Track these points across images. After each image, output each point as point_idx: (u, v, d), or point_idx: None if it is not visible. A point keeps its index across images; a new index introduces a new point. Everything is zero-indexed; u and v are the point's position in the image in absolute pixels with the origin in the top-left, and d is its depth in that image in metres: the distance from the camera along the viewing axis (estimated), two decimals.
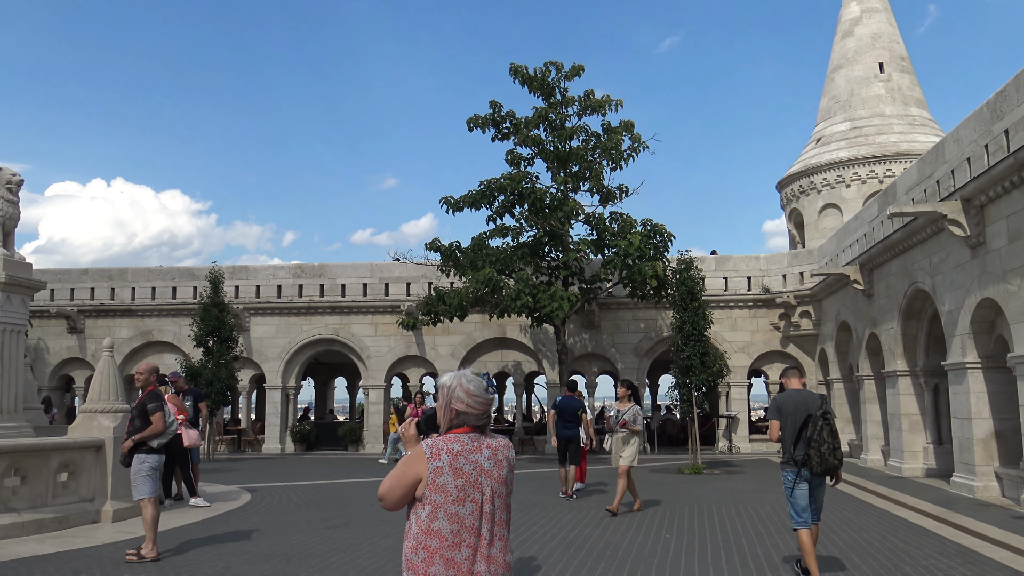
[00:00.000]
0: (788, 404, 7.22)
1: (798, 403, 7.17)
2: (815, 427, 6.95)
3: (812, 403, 7.14)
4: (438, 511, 3.03)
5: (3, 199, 11.77)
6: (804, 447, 6.97)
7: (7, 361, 11.50)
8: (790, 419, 7.17)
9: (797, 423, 7.10)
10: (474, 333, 25.84)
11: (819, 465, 6.90)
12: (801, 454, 6.98)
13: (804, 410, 7.11)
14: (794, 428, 7.11)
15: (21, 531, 9.45)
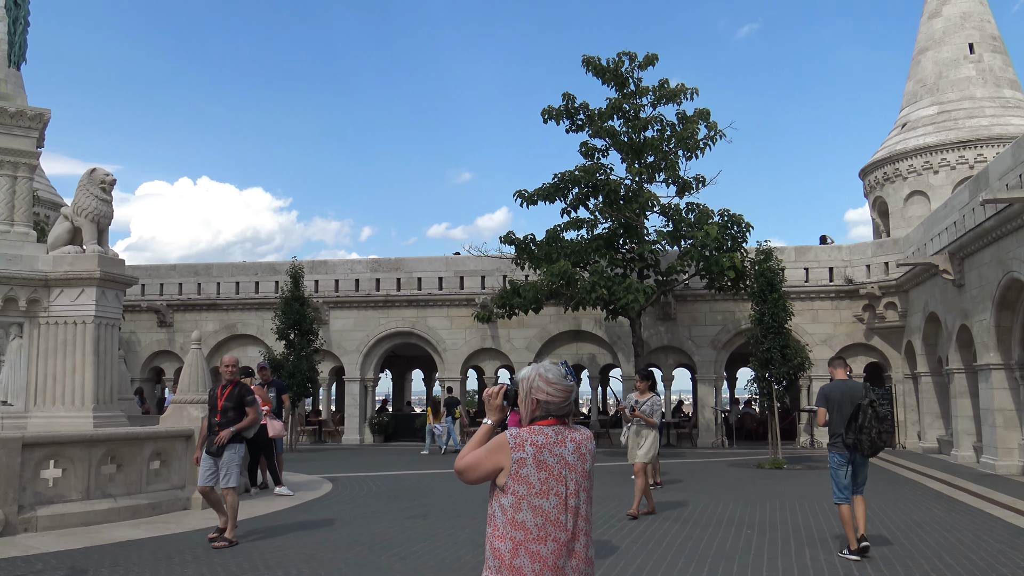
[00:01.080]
0: (835, 393, 8.06)
1: (844, 392, 8.01)
2: (865, 415, 7.78)
3: (857, 392, 7.97)
4: (521, 503, 3.03)
5: (97, 198, 12.26)
6: (855, 432, 7.80)
7: (103, 353, 11.99)
8: (837, 406, 7.99)
9: (844, 410, 7.90)
10: (549, 326, 25.84)
11: (869, 448, 7.81)
12: (852, 438, 7.81)
13: (851, 398, 7.91)
14: (842, 415, 7.91)
15: (117, 516, 9.86)
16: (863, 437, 7.77)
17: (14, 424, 11.33)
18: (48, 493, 9.47)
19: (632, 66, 22.02)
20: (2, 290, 11.50)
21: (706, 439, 25.05)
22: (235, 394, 8.95)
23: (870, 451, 7.84)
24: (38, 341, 11.87)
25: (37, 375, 11.81)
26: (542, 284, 20.75)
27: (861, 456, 7.90)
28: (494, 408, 3.36)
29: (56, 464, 9.60)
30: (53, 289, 11.85)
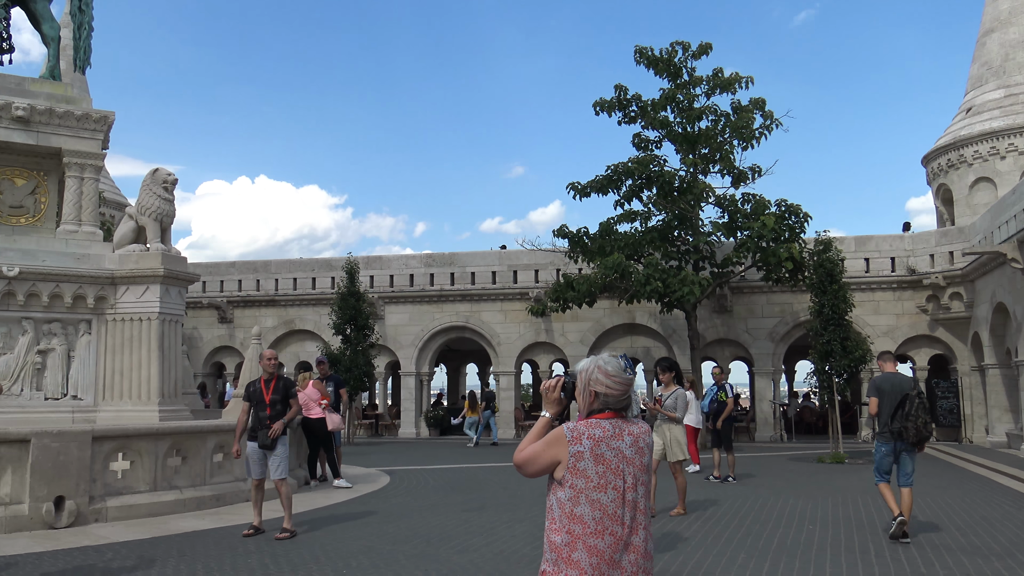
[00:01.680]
0: (885, 385, 8.53)
1: (893, 384, 8.51)
2: (911, 405, 8.30)
3: (906, 384, 8.50)
4: (579, 496, 3.01)
5: (160, 197, 12.57)
6: (901, 421, 8.31)
7: (167, 349, 12.30)
8: (886, 397, 8.46)
9: (893, 401, 8.39)
10: (603, 319, 25.73)
11: (914, 436, 8.28)
12: (898, 427, 8.33)
13: (899, 390, 8.41)
14: (891, 405, 8.41)
15: (183, 507, 10.12)
16: (908, 425, 8.26)
17: (84, 418, 11.69)
18: (117, 484, 9.76)
19: (685, 56, 21.76)
20: (71, 288, 11.87)
21: (764, 433, 24.70)
22: (280, 387, 9.05)
23: (915, 439, 8.30)
24: (105, 337, 12.22)
25: (105, 370, 12.17)
26: (596, 277, 20.66)
27: (907, 444, 8.39)
28: (552, 401, 3.35)
29: (124, 456, 9.89)
30: (119, 287, 12.19)
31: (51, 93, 12.78)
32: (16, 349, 11.73)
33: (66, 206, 12.63)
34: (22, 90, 12.62)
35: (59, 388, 11.93)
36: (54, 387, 11.91)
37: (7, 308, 11.63)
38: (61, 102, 12.62)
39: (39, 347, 11.85)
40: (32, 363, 11.78)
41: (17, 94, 12.44)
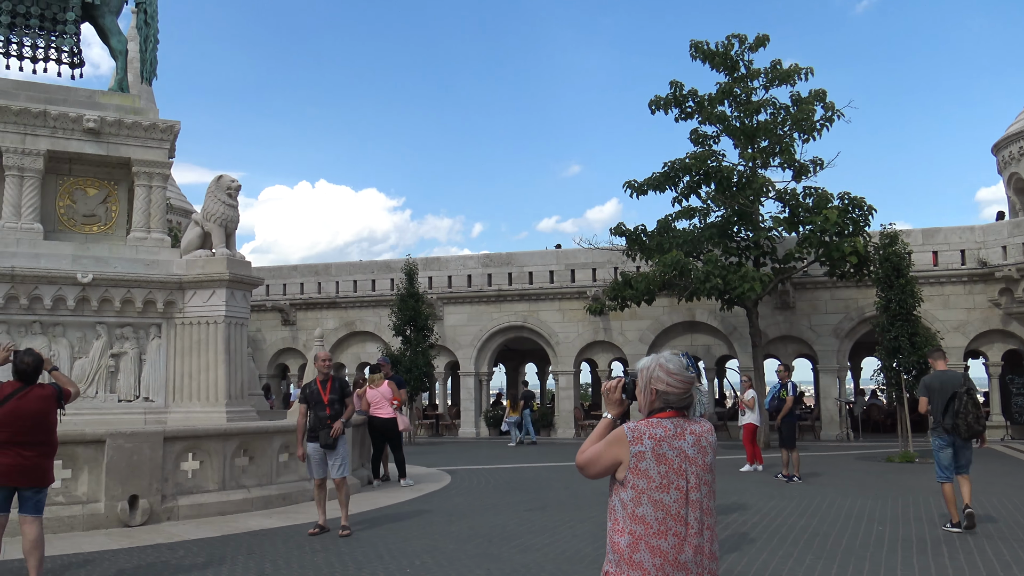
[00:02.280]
0: (935, 383, 8.86)
1: (943, 381, 8.81)
2: (960, 402, 8.55)
3: (956, 381, 8.76)
4: (641, 496, 2.99)
5: (224, 204, 12.88)
6: (952, 417, 8.57)
7: (234, 351, 12.59)
8: (937, 395, 8.76)
9: (944, 398, 8.68)
10: (662, 317, 25.51)
11: (966, 431, 8.55)
12: (950, 423, 8.59)
13: (950, 387, 8.69)
14: (942, 402, 8.69)
15: (250, 506, 10.34)
16: (959, 422, 8.54)
17: (155, 419, 12.04)
18: (187, 484, 10.02)
19: (742, 49, 21.45)
20: (142, 293, 12.24)
21: (830, 431, 24.18)
22: (337, 387, 9.18)
23: (967, 434, 8.60)
24: (174, 340, 12.57)
25: (174, 372, 12.51)
26: (654, 275, 20.50)
27: (960, 439, 8.67)
28: (613, 402, 3.33)
29: (194, 456, 10.15)
30: (187, 291, 12.52)
31: (120, 105, 13.19)
32: (91, 353, 12.14)
33: (135, 214, 13.02)
34: (93, 103, 13.06)
35: (131, 390, 12.31)
36: (127, 389, 12.29)
37: (82, 314, 12.05)
38: (129, 113, 13.02)
39: (112, 351, 12.24)
40: (106, 366, 12.18)
41: (88, 107, 12.88)
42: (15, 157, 12.24)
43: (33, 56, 13.70)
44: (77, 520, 8.99)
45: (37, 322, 11.87)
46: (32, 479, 6.21)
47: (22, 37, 13.49)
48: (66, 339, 12.07)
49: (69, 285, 11.81)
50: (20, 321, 11.79)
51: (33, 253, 11.93)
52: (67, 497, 9.17)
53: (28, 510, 6.22)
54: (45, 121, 12.42)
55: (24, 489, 6.22)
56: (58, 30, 13.52)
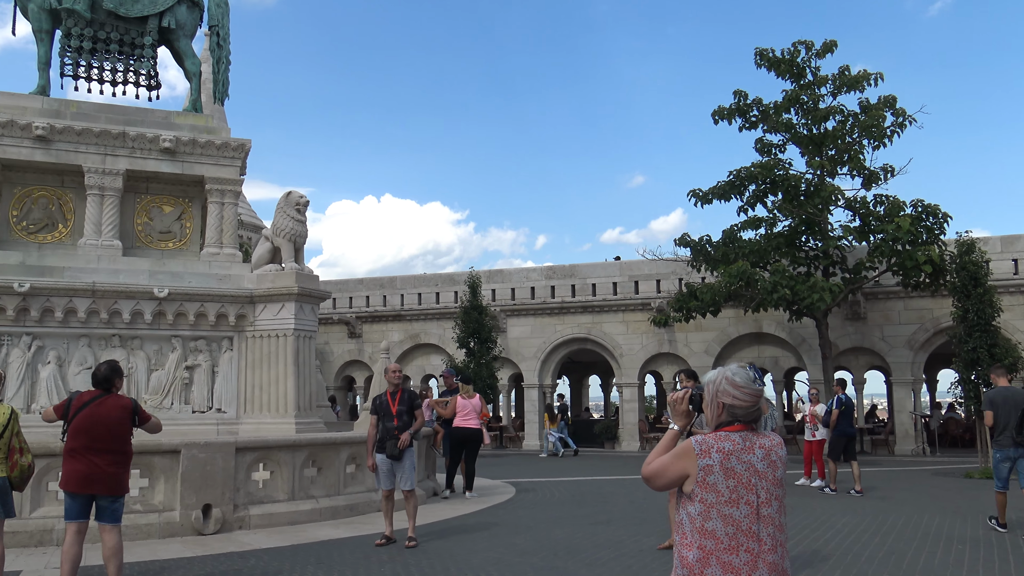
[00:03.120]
0: (998, 398, 9.36)
1: (1007, 397, 9.32)
2: None
3: (1020, 397, 9.27)
4: (710, 511, 2.96)
5: (293, 219, 13.17)
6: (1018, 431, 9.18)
7: (302, 364, 12.84)
8: (1001, 410, 9.27)
9: (1009, 413, 9.20)
10: (728, 329, 25.14)
11: None
12: (1021, 438, 9.17)
13: (1013, 403, 9.22)
14: (1006, 417, 9.22)
15: (319, 516, 10.50)
16: None
17: (227, 430, 12.35)
18: (258, 494, 10.23)
19: (809, 55, 21.10)
20: (215, 307, 12.58)
21: (904, 446, 23.44)
22: (406, 398, 9.27)
23: None
24: (245, 353, 12.88)
25: (245, 384, 12.82)
26: (720, 286, 20.22)
27: None
28: (680, 413, 3.31)
29: (265, 467, 10.37)
30: (257, 305, 12.83)
31: (194, 125, 13.63)
32: (166, 365, 12.52)
33: (209, 230, 13.42)
34: (168, 123, 13.52)
35: (205, 401, 12.65)
36: (200, 400, 12.64)
37: (158, 327, 12.44)
38: (203, 133, 13.44)
39: (187, 363, 12.61)
40: (180, 378, 12.54)
41: (164, 127, 13.34)
42: (96, 177, 12.74)
43: (113, 80, 14.26)
44: (154, 528, 9.26)
45: (116, 335, 12.30)
46: (106, 487, 6.36)
47: (103, 62, 14.07)
48: (143, 352, 12.47)
49: (146, 299, 12.22)
50: (100, 334, 12.23)
51: (113, 269, 12.38)
52: (144, 505, 9.46)
53: (106, 518, 6.40)
54: (124, 142, 12.90)
55: (101, 498, 6.39)
56: (136, 54, 14.05)
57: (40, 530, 8.79)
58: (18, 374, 11.76)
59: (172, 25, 13.81)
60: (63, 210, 13.01)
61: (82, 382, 12.05)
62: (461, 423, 13.32)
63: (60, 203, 13.00)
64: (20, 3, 13.34)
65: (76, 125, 12.67)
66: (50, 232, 12.92)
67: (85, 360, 12.12)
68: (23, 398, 11.69)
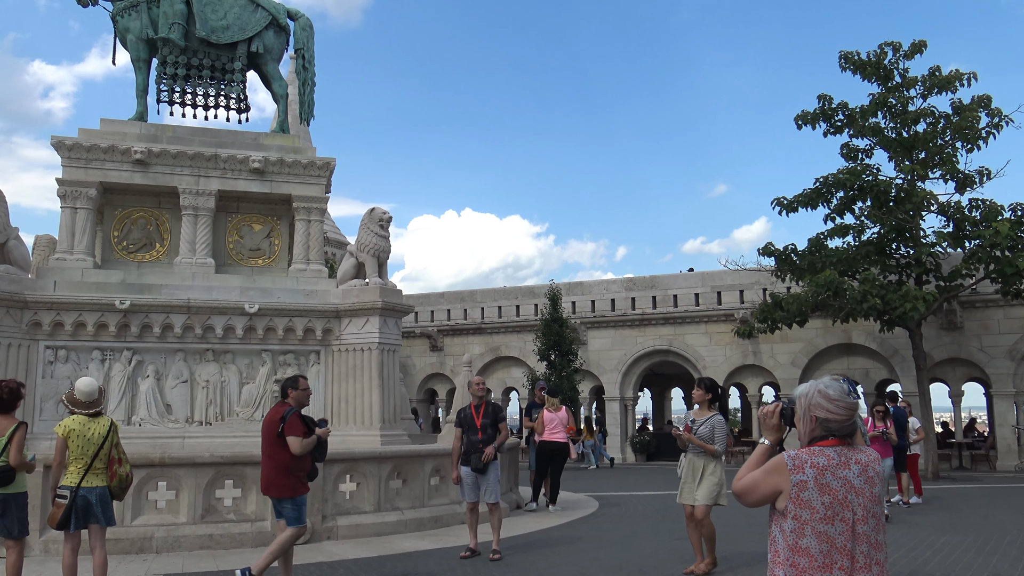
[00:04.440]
0: None
1: None
2: None
3: None
4: (804, 528, 2.90)
5: (377, 235, 13.44)
6: None
7: (387, 377, 13.06)
8: None
9: None
10: (815, 339, 24.47)
11: None
12: None
13: None
14: None
15: (404, 528, 10.63)
16: None
17: None
18: (345, 505, 10.43)
19: (896, 56, 20.49)
20: (302, 322, 12.92)
21: (1007, 461, 22.35)
22: (490, 412, 9.30)
23: None
24: (332, 366, 13.18)
25: (332, 397, 13.11)
26: (806, 296, 19.73)
27: None
28: (770, 428, 3.25)
29: (351, 478, 10.57)
30: (343, 319, 13.12)
31: (281, 145, 14.07)
32: (257, 379, 12.91)
33: (296, 247, 13.81)
34: (257, 144, 14.00)
35: None
36: None
37: (249, 341, 12.84)
38: (290, 153, 13.85)
39: (276, 376, 12.96)
40: (271, 391, 12.90)
41: (253, 148, 13.81)
42: (190, 197, 13.26)
43: (205, 104, 14.84)
44: (247, 537, 9.54)
45: (210, 350, 12.75)
46: (268, 489, 7.20)
47: (196, 87, 14.65)
48: (235, 365, 12.89)
49: (238, 315, 12.63)
50: (195, 349, 12.70)
51: (206, 286, 12.85)
52: (237, 515, 9.75)
53: (278, 516, 7.28)
54: (216, 163, 13.40)
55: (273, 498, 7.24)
56: (227, 79, 14.59)
57: (140, 537, 9.16)
58: (119, 387, 12.30)
59: (260, 50, 14.31)
60: (160, 230, 13.58)
61: (179, 395, 12.55)
62: (548, 437, 13.33)
63: (157, 223, 13.57)
64: (120, 34, 14.03)
65: (172, 148, 13.23)
66: (148, 251, 13.50)
67: (181, 374, 12.60)
68: (124, 410, 12.22)
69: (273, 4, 14.64)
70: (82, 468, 6.55)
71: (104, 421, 6.73)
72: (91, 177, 12.91)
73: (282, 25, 14.61)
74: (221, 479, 9.83)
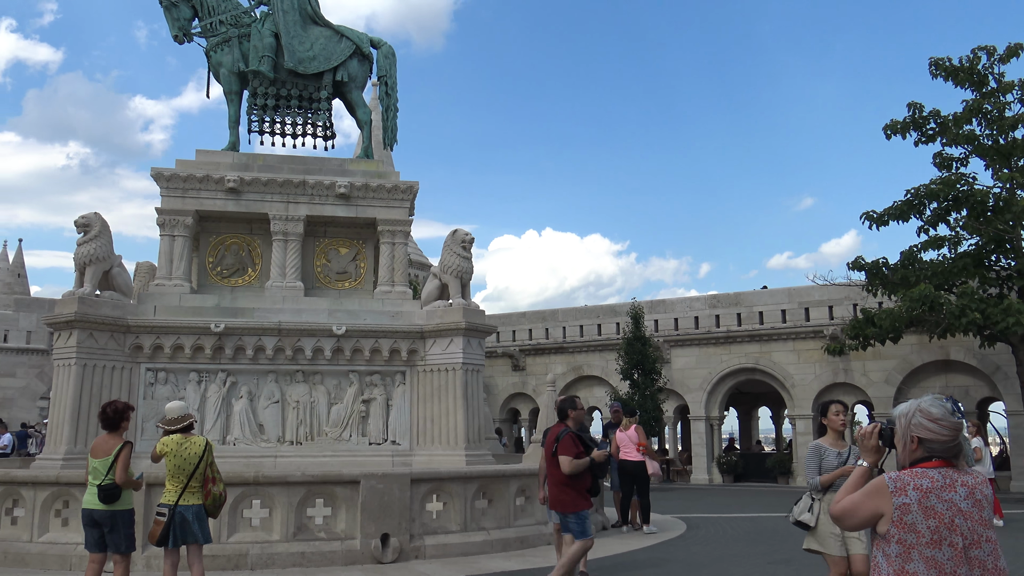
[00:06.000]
0: None
1: None
2: None
3: None
4: (911, 552, 2.80)
5: (459, 256, 13.60)
6: None
7: (471, 397, 13.16)
8: None
9: None
10: (910, 356, 23.57)
11: None
12: None
13: None
14: None
15: (490, 548, 10.64)
16: None
17: (402, 461, 12.80)
18: (432, 524, 10.51)
19: (991, 61, 19.74)
20: (388, 343, 13.15)
21: None
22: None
23: None
24: (417, 387, 13.35)
25: (417, 417, 13.27)
26: (900, 311, 19.05)
27: None
28: (869, 449, 3.17)
29: (438, 498, 10.65)
30: (427, 340, 13.30)
31: (366, 170, 14.41)
32: (345, 399, 13.18)
33: (381, 269, 14.09)
34: (343, 170, 14.38)
35: (380, 434, 13.19)
36: (376, 433, 13.19)
37: (336, 363, 13.13)
38: (374, 177, 14.18)
39: (363, 397, 13.22)
40: (358, 411, 13.15)
41: (339, 174, 14.18)
42: (280, 223, 13.69)
43: (293, 132, 15.34)
44: (337, 555, 9.71)
45: (300, 371, 13.09)
46: (553, 504, 7.74)
47: (284, 116, 15.17)
48: (324, 386, 13.19)
49: (326, 337, 12.94)
50: (286, 370, 13.06)
51: (296, 309, 13.22)
52: (328, 533, 9.94)
53: (564, 530, 7.74)
54: (304, 190, 13.82)
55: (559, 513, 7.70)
56: (313, 108, 15.06)
57: (236, 554, 9.42)
58: (215, 408, 12.73)
59: (345, 79, 14.74)
60: (252, 255, 14.06)
61: (270, 415, 12.91)
62: (623, 456, 13.26)
63: (249, 249, 14.06)
64: (213, 68, 14.66)
65: (262, 176, 13.71)
66: (240, 276, 13.98)
67: (273, 395, 12.96)
68: (219, 430, 12.63)
69: (356, 34, 15.08)
70: (179, 487, 6.80)
71: (199, 441, 6.98)
72: (187, 206, 13.48)
73: (365, 54, 15.02)
74: (312, 498, 10.05)
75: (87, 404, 11.84)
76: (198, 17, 14.56)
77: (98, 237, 12.40)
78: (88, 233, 12.35)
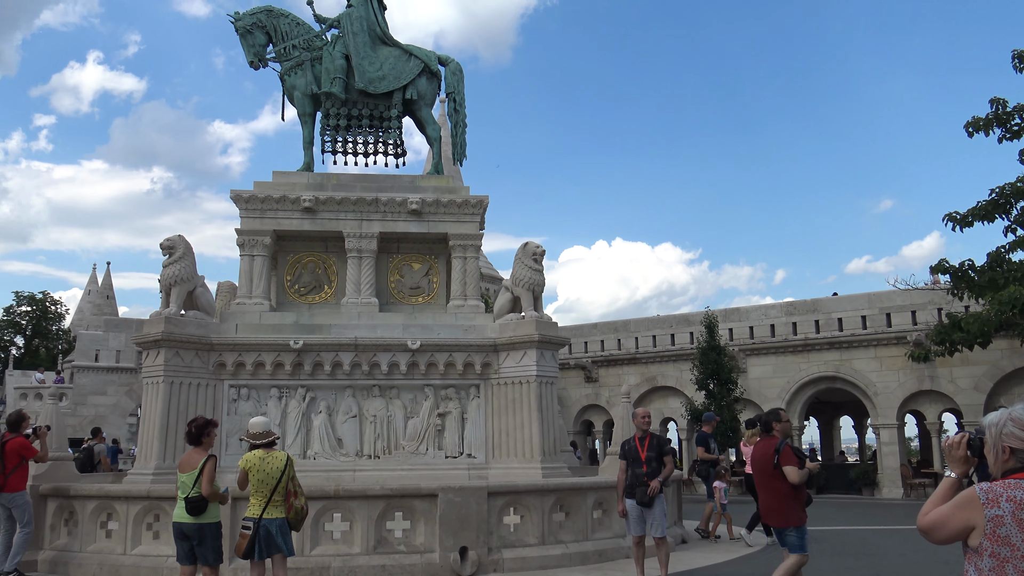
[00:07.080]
0: None
1: None
2: None
3: None
4: (1004, 566, 2.71)
5: (531, 268, 13.64)
6: None
7: (545, 409, 13.15)
8: None
9: None
10: (1001, 362, 22.64)
11: None
12: None
13: None
14: None
15: (568, 561, 10.59)
16: None
17: (478, 474, 12.86)
18: (509, 537, 10.50)
19: None
20: (462, 356, 13.26)
21: None
22: (655, 444, 9.09)
23: None
24: (491, 400, 13.41)
25: (492, 430, 13.31)
26: (989, 314, 18.36)
27: None
28: (957, 460, 3.08)
29: (515, 511, 10.65)
30: (501, 353, 13.35)
31: (436, 186, 14.61)
32: (421, 413, 13.32)
33: (453, 284, 14.23)
34: (414, 187, 14.60)
35: (456, 447, 13.28)
36: (452, 446, 13.29)
37: (412, 377, 13.30)
38: (445, 193, 14.36)
39: (438, 410, 13.34)
40: (434, 425, 13.28)
41: (410, 191, 14.41)
42: (354, 240, 13.98)
43: (365, 151, 15.66)
44: (417, 568, 9.80)
45: (376, 386, 13.29)
46: (768, 517, 7.70)
47: (356, 136, 15.51)
48: (400, 400, 13.36)
49: (401, 351, 13.12)
50: (363, 385, 13.28)
51: (371, 324, 13.45)
52: (407, 546, 10.04)
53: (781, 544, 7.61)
54: (377, 207, 14.08)
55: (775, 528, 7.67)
56: (384, 126, 15.35)
57: (319, 567, 9.59)
58: (295, 423, 13.02)
59: (414, 97, 15.00)
60: (327, 272, 14.38)
61: (349, 430, 13.14)
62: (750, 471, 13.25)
63: (325, 266, 14.38)
64: (288, 92, 15.09)
65: (336, 195, 14.02)
66: (317, 293, 14.31)
67: (350, 409, 13.19)
68: (300, 445, 12.91)
69: (424, 52, 15.33)
70: (263, 500, 6.98)
71: (280, 456, 7.15)
72: (266, 226, 13.87)
73: (433, 71, 15.26)
74: (391, 511, 10.18)
75: (175, 420, 12.25)
76: (272, 43, 15.01)
77: (182, 258, 12.87)
78: (173, 255, 12.83)
